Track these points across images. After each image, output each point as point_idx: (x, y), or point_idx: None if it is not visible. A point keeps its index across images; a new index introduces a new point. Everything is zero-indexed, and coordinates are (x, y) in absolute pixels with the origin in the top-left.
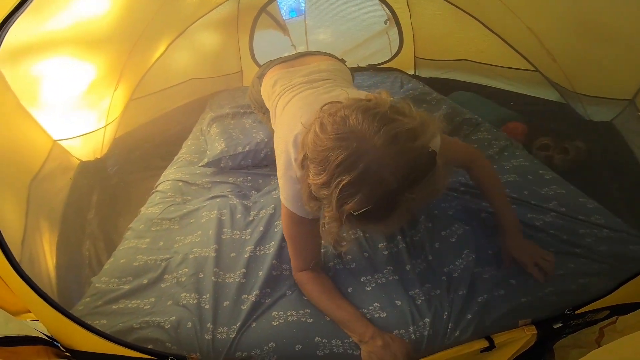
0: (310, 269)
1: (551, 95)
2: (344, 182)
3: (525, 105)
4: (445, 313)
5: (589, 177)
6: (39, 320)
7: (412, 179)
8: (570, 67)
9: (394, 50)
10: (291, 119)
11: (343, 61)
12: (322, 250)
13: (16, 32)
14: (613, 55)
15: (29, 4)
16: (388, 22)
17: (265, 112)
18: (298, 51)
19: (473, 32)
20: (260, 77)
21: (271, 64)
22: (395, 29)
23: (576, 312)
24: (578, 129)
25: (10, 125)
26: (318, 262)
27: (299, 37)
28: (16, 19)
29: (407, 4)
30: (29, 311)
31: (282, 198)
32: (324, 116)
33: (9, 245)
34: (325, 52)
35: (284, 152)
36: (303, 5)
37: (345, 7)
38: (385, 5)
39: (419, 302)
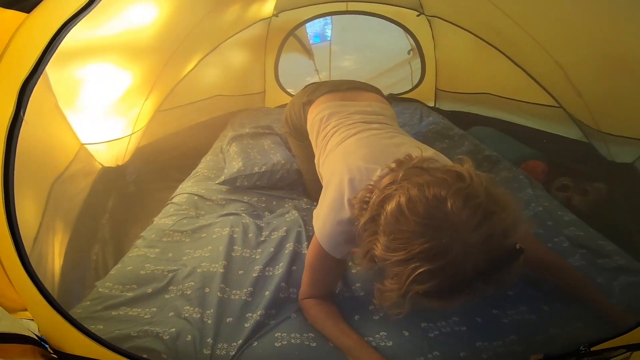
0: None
1: (574, 133)
2: (423, 269)
3: (547, 143)
4: (463, 353)
5: (608, 219)
6: (34, 320)
7: (493, 272)
8: (595, 104)
9: (415, 81)
10: (349, 156)
11: (388, 100)
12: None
13: (69, 37)
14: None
15: (91, 10)
16: (412, 52)
17: (300, 138)
18: (325, 77)
19: (497, 65)
20: (307, 104)
21: (317, 90)
22: (418, 60)
23: (591, 349)
24: (599, 170)
25: (45, 125)
26: (328, 294)
27: (323, 62)
28: (76, 24)
29: (432, 35)
30: (26, 310)
31: (316, 231)
32: (411, 188)
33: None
34: (372, 87)
35: (336, 188)
36: (328, 32)
37: (370, 36)
38: (410, 36)
39: (431, 335)
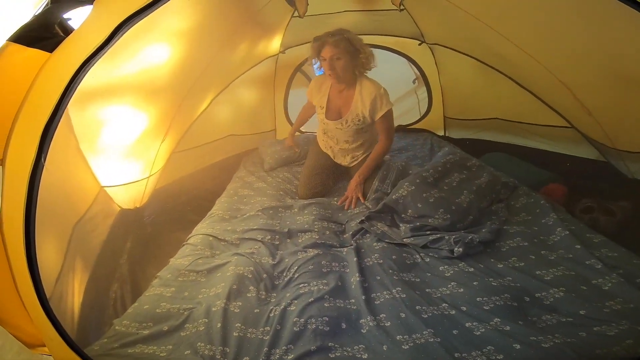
0: None
1: (590, 153)
2: None
3: (563, 165)
4: None
5: (637, 237)
6: (51, 356)
7: None
8: (608, 122)
9: (423, 110)
10: None
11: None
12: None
13: (88, 76)
14: None
15: (108, 49)
16: (417, 81)
17: None
18: None
19: (503, 89)
20: None
21: None
22: (424, 88)
23: None
24: (621, 188)
25: (68, 167)
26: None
27: None
28: (95, 62)
29: (436, 62)
30: (44, 345)
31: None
32: None
33: (44, 281)
34: None
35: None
36: None
37: (375, 67)
38: (414, 65)
39: None
